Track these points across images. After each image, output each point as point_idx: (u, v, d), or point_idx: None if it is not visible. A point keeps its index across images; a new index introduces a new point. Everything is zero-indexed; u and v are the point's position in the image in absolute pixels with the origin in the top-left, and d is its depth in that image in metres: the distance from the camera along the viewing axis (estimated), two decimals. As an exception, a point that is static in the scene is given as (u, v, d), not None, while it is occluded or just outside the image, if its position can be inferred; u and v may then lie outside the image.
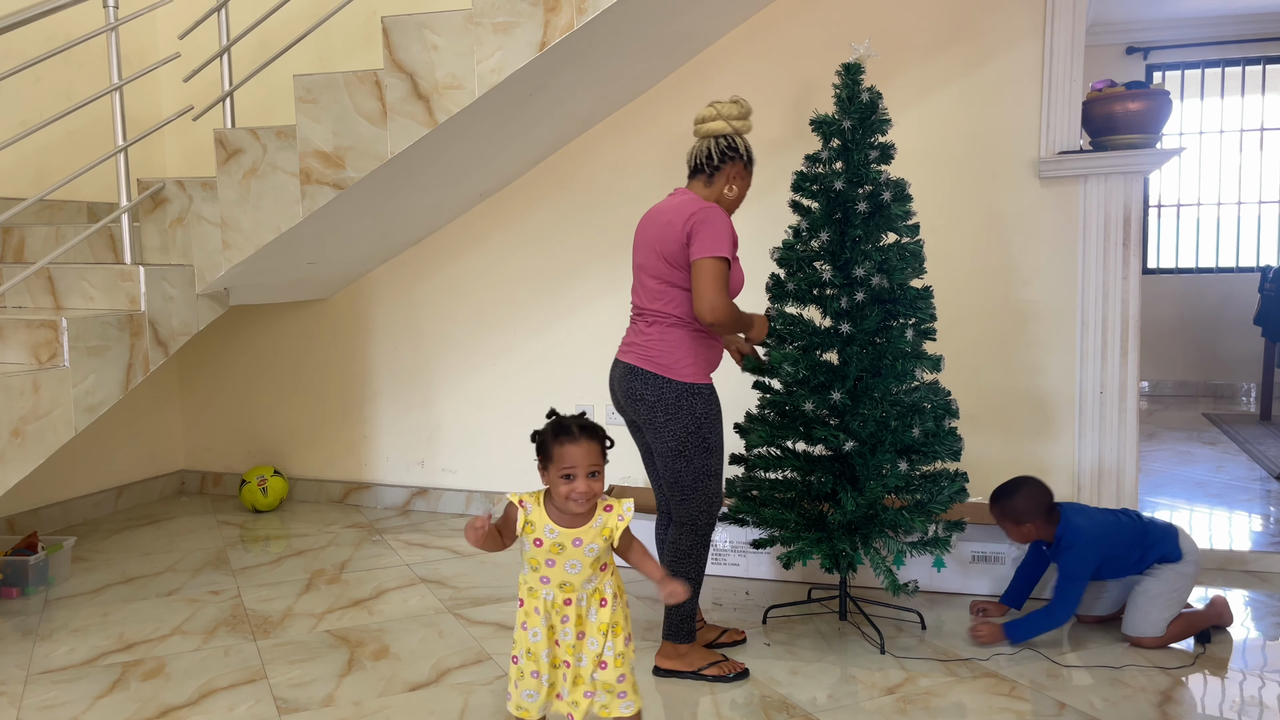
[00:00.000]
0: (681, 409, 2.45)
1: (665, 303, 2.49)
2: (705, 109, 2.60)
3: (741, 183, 2.60)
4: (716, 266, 2.39)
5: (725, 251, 2.40)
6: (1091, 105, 3.40)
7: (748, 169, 2.61)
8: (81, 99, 3.15)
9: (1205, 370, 7.07)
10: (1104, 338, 3.41)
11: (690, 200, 2.49)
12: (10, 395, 2.66)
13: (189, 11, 3.97)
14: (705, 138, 2.58)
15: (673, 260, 2.46)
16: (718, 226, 2.41)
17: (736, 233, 2.52)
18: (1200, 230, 7.06)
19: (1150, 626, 2.74)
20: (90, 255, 3.39)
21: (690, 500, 2.50)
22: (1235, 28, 6.62)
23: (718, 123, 2.55)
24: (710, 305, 2.39)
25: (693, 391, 2.47)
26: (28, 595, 3.21)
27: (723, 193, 2.58)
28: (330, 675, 2.60)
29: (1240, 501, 4.14)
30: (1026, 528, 2.80)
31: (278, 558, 3.62)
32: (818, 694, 2.47)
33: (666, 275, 2.48)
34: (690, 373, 2.48)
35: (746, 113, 2.59)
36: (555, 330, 4.01)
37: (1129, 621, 2.78)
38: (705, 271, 2.39)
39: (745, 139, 2.60)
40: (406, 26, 2.99)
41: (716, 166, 2.56)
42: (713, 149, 2.56)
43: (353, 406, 4.35)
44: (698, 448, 2.47)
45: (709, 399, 2.51)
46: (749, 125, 2.60)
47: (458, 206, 3.99)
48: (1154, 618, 2.74)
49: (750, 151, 2.61)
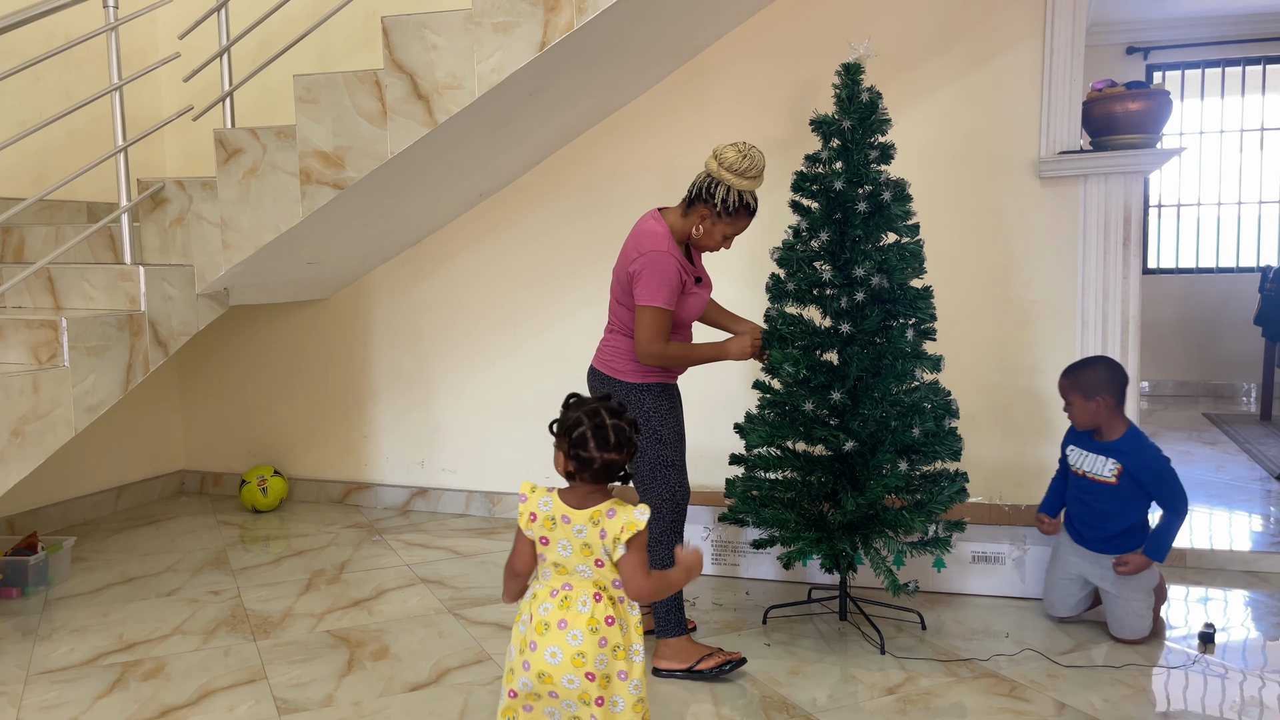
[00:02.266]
0: (631, 405, 2.60)
1: (617, 316, 2.66)
2: (726, 148, 2.55)
3: (711, 228, 2.58)
4: (652, 316, 2.52)
5: (660, 301, 2.51)
6: (1091, 105, 3.40)
7: (722, 218, 2.56)
8: (81, 99, 3.15)
9: (1205, 370, 7.07)
10: (1104, 338, 3.41)
11: (648, 235, 2.55)
12: (10, 395, 2.66)
13: (189, 11, 3.97)
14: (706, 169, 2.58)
15: (623, 284, 2.62)
16: (658, 275, 2.50)
17: (684, 269, 2.56)
18: (1200, 230, 7.06)
19: (1141, 625, 2.76)
20: (90, 255, 3.39)
21: (650, 489, 2.62)
22: (1235, 28, 6.62)
23: (710, 163, 2.56)
24: (643, 351, 2.56)
25: (641, 389, 2.62)
26: (28, 595, 3.21)
27: (692, 230, 2.61)
28: (330, 675, 2.60)
29: (1240, 501, 4.14)
30: (1096, 403, 2.78)
31: (278, 558, 3.62)
32: (818, 694, 2.47)
33: (619, 295, 2.65)
34: (640, 374, 2.62)
35: (743, 170, 2.51)
36: (555, 330, 4.01)
37: (1120, 626, 2.78)
38: (642, 319, 2.53)
39: (738, 193, 2.54)
40: (406, 26, 2.99)
41: (691, 201, 2.59)
42: (699, 181, 2.58)
43: (352, 406, 4.35)
44: (650, 439, 2.61)
45: (660, 394, 2.64)
46: (745, 183, 2.53)
47: (457, 206, 3.99)
48: (1143, 615, 2.76)
49: (734, 205, 2.54)
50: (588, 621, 1.79)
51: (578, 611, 1.80)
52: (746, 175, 2.53)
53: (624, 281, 2.60)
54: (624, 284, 2.60)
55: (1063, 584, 2.90)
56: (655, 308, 2.51)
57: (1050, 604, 2.94)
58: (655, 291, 2.51)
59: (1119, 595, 2.77)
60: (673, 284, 2.52)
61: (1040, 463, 3.50)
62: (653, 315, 2.52)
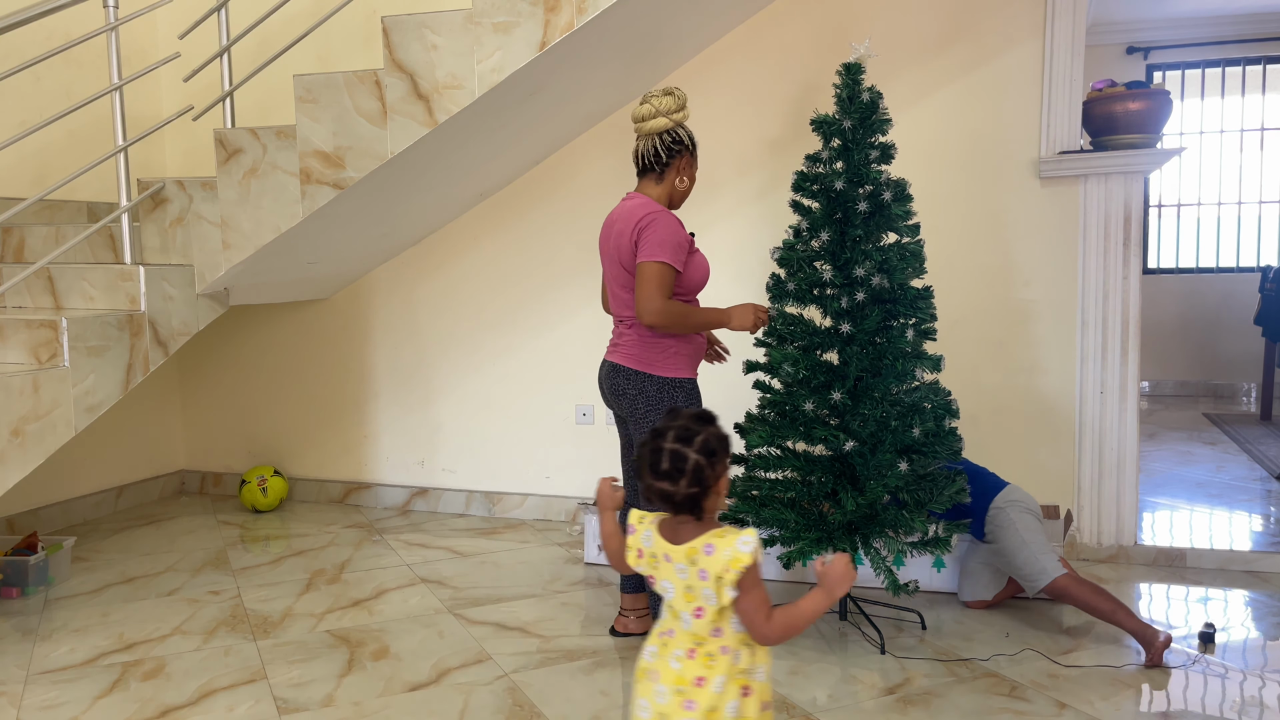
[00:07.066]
0: (663, 401, 2.57)
1: (629, 306, 2.59)
2: (642, 106, 2.61)
3: (691, 171, 2.66)
4: (656, 270, 2.47)
5: (666, 256, 2.46)
6: (1092, 105, 3.40)
7: (694, 156, 2.66)
8: (81, 99, 3.15)
9: (1205, 370, 7.07)
10: (1104, 338, 3.41)
11: (639, 205, 2.56)
12: (10, 395, 2.66)
13: (189, 11, 3.97)
14: (648, 136, 2.61)
15: (631, 268, 2.54)
16: (661, 231, 2.48)
17: (686, 232, 2.57)
18: (1200, 230, 7.06)
19: (1035, 568, 2.76)
20: (90, 255, 3.39)
21: None
22: (1235, 28, 6.62)
23: (659, 120, 2.59)
24: (647, 309, 2.47)
25: (674, 385, 2.59)
26: (28, 595, 3.21)
27: (674, 186, 2.64)
28: (330, 675, 2.60)
29: (1240, 501, 4.14)
30: None
31: (278, 558, 3.62)
32: (818, 694, 2.47)
33: (630, 283, 2.56)
34: (670, 368, 2.59)
35: (683, 103, 2.61)
36: (555, 330, 4.01)
37: (1027, 582, 2.79)
38: (643, 275, 2.47)
39: (687, 127, 2.64)
40: (406, 26, 2.99)
41: (665, 163, 2.60)
42: (659, 146, 2.59)
43: (353, 406, 4.35)
44: None
45: (690, 392, 2.62)
46: (688, 114, 2.63)
47: (458, 206, 3.99)
48: (1032, 561, 2.76)
49: (693, 137, 2.65)
50: (675, 680, 1.55)
51: (669, 666, 1.56)
52: (684, 107, 2.61)
53: (630, 261, 2.53)
54: (630, 263, 2.54)
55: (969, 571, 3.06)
56: (660, 262, 2.46)
57: (965, 589, 3.07)
58: (659, 247, 2.46)
59: (1019, 559, 2.80)
60: (678, 241, 2.50)
61: (1040, 463, 3.50)
62: (657, 270, 2.46)
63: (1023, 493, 2.94)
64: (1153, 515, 3.93)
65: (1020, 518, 2.83)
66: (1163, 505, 4.08)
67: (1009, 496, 2.90)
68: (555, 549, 3.70)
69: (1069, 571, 2.74)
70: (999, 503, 2.89)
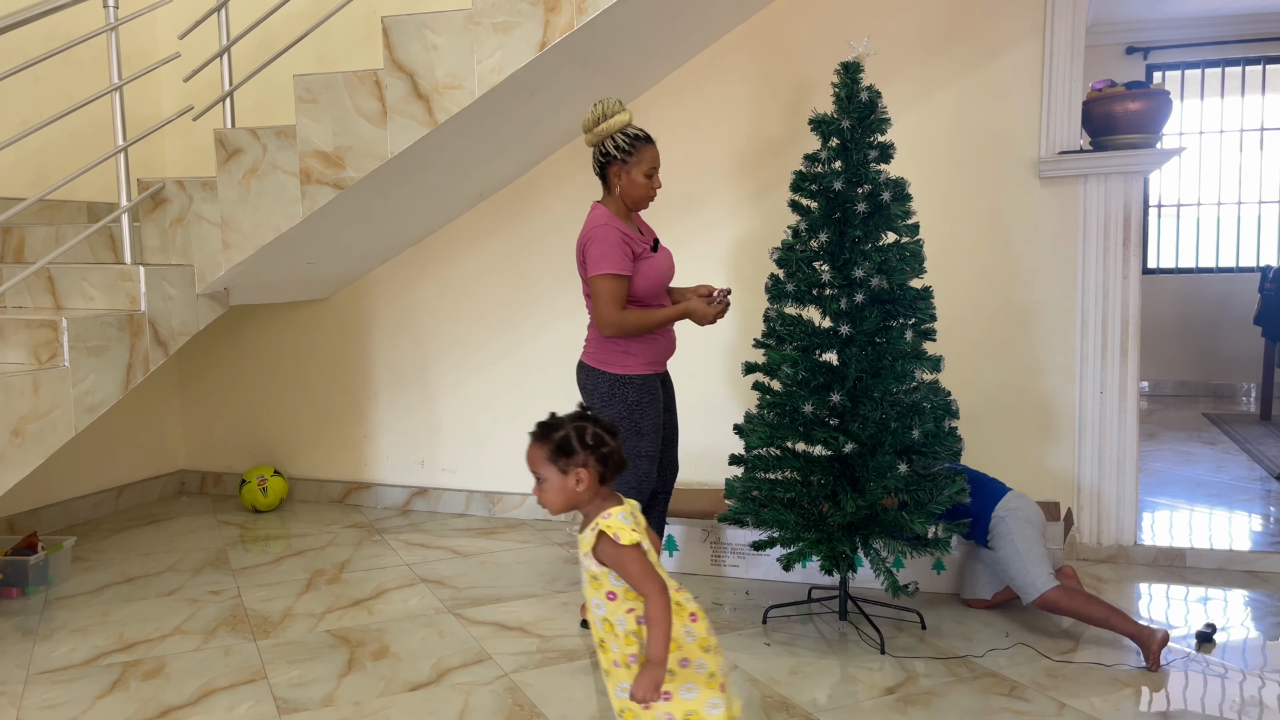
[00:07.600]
0: (614, 396, 2.73)
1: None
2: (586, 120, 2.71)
3: (629, 171, 2.71)
4: (605, 285, 2.65)
5: (611, 267, 2.63)
6: (1091, 105, 3.40)
7: (628, 162, 2.70)
8: (81, 99, 3.15)
9: (1205, 370, 7.07)
10: (1104, 338, 3.41)
11: (588, 221, 2.74)
12: (10, 395, 2.66)
13: (189, 11, 3.97)
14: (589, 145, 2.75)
15: (586, 279, 2.73)
16: (600, 245, 2.65)
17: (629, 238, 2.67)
18: (1200, 230, 7.06)
19: (1027, 579, 2.75)
20: (90, 255, 3.39)
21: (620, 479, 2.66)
22: (1235, 28, 6.62)
23: (585, 136, 2.72)
24: (603, 323, 2.68)
25: (624, 381, 2.74)
26: (28, 595, 3.21)
27: (618, 191, 2.74)
28: (330, 675, 2.60)
29: (1240, 501, 4.14)
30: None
31: (278, 558, 3.62)
32: (818, 694, 2.47)
33: (587, 290, 2.75)
34: (621, 365, 2.74)
35: (602, 114, 2.68)
36: (555, 330, 4.01)
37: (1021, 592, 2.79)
38: (595, 291, 2.66)
39: (619, 134, 2.68)
40: (406, 26, 2.99)
41: (603, 175, 2.75)
42: (594, 159, 2.75)
43: (353, 406, 4.35)
44: (630, 431, 2.71)
45: (641, 387, 2.75)
46: (618, 120, 2.67)
47: (458, 206, 3.99)
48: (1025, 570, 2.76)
49: (625, 143, 2.68)
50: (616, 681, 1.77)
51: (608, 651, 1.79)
52: (610, 115, 2.67)
53: (582, 268, 2.73)
54: (583, 273, 2.74)
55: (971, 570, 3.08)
56: (606, 274, 2.63)
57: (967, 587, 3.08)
58: (600, 260, 2.63)
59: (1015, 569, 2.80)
60: (618, 250, 2.63)
61: (1040, 463, 3.50)
62: (605, 283, 2.63)
63: (1023, 499, 2.93)
64: (1152, 515, 3.93)
65: (1018, 528, 2.83)
66: (1162, 505, 4.08)
67: (1009, 505, 2.89)
68: (555, 549, 3.70)
69: (1060, 584, 2.74)
70: (1000, 511, 2.88)
